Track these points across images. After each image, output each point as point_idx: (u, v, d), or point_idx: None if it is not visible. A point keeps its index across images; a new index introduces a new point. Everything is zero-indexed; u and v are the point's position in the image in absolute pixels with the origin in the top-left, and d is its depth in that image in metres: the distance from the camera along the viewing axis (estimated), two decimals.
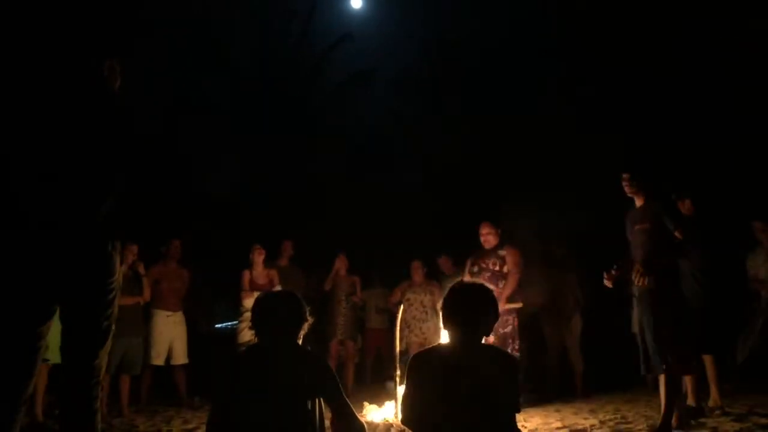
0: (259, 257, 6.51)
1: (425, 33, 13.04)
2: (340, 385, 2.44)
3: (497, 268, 5.69)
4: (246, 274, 6.42)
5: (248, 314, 6.09)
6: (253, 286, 6.30)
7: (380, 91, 13.02)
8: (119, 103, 2.62)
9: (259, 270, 6.47)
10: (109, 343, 2.49)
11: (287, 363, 2.39)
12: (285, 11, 13.12)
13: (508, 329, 5.55)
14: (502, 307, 5.50)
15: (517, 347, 5.53)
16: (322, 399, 2.43)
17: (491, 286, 5.63)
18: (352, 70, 13.10)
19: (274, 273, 6.53)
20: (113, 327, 2.50)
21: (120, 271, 2.55)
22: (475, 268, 5.78)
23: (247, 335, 6.09)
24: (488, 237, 5.80)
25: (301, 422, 2.32)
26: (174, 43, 11.18)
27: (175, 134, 10.67)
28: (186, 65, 11.90)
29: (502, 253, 5.73)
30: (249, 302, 6.15)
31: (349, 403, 2.44)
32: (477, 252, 5.89)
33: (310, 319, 2.54)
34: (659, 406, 5.22)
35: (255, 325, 2.49)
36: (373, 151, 12.32)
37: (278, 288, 6.15)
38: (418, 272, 7.30)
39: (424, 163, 12.02)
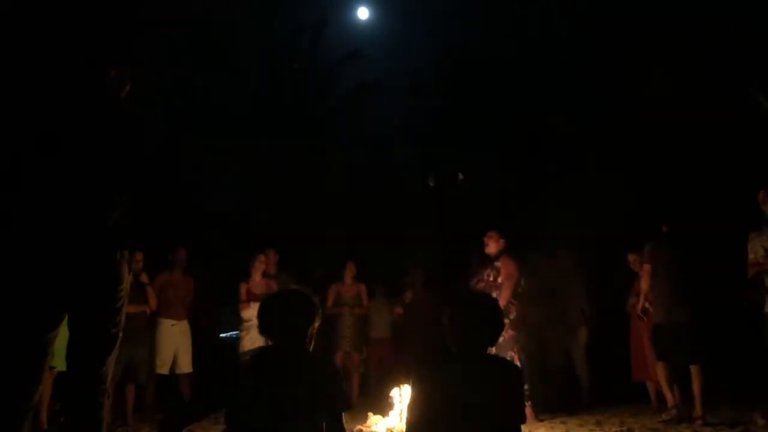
0: (259, 267, 6.49)
1: (433, 41, 13.09)
2: (342, 404, 2.32)
3: (491, 278, 5.65)
4: (243, 287, 6.40)
5: (248, 324, 6.16)
6: (251, 297, 6.28)
7: (388, 100, 13.06)
8: (127, 109, 2.63)
9: (257, 280, 6.45)
10: (116, 350, 2.49)
11: (299, 368, 2.29)
12: (294, 24, 13.18)
13: (500, 340, 5.48)
14: None
15: (513, 358, 5.48)
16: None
17: None
18: (360, 79, 13.14)
19: (272, 282, 6.49)
20: (120, 335, 2.51)
21: (127, 279, 2.56)
22: (475, 279, 5.78)
23: (248, 344, 6.10)
24: (488, 242, 5.71)
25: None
26: (179, 51, 11.23)
27: (181, 142, 10.71)
28: (192, 74, 11.96)
29: (498, 263, 5.65)
30: (247, 313, 6.15)
31: (344, 423, 2.32)
32: (485, 262, 5.84)
33: (319, 320, 2.45)
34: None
35: (264, 327, 2.40)
36: (380, 160, 12.35)
37: None
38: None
39: (433, 172, 12.02)
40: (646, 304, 5.62)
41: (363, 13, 14.19)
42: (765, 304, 4.75)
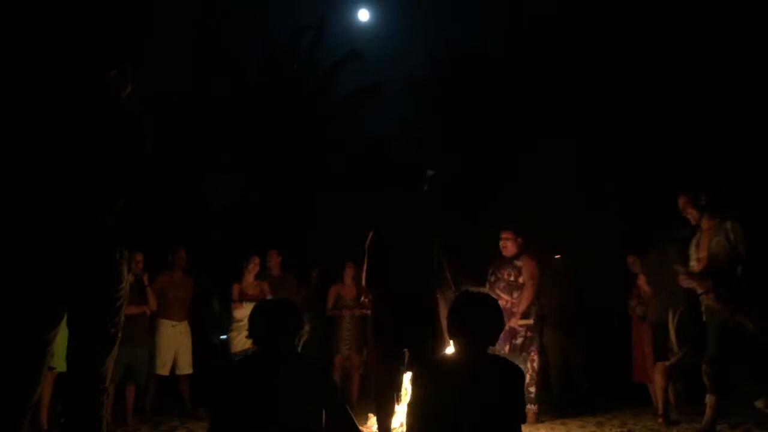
0: (252, 269, 6.50)
1: (434, 43, 13.09)
2: (341, 396, 2.44)
3: (512, 278, 5.56)
4: (236, 287, 6.41)
5: (239, 324, 6.17)
6: (244, 297, 6.29)
7: (388, 102, 13.05)
8: (127, 109, 2.62)
9: (249, 281, 6.46)
10: (115, 350, 2.49)
11: (287, 370, 2.39)
12: (294, 25, 13.17)
13: (519, 341, 5.45)
14: (515, 323, 5.44)
15: (533, 359, 5.45)
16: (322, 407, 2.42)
17: (505, 297, 5.61)
18: (360, 81, 13.13)
19: (265, 284, 6.50)
20: (120, 334, 2.51)
21: (127, 279, 2.56)
22: (493, 278, 5.67)
23: (239, 345, 6.10)
24: (506, 243, 5.63)
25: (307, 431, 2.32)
26: (179, 52, 11.20)
27: (183, 144, 10.71)
28: (193, 75, 11.94)
29: (518, 263, 5.56)
30: (239, 313, 6.16)
31: (350, 412, 2.44)
32: (498, 260, 5.75)
33: (308, 327, 2.56)
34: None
35: (252, 332, 2.52)
36: (379, 161, 12.33)
37: (269, 297, 6.17)
38: None
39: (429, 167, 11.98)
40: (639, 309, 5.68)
41: (363, 15, 14.22)
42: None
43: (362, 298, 4.67)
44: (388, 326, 3.86)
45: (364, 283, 4.17)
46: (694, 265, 4.60)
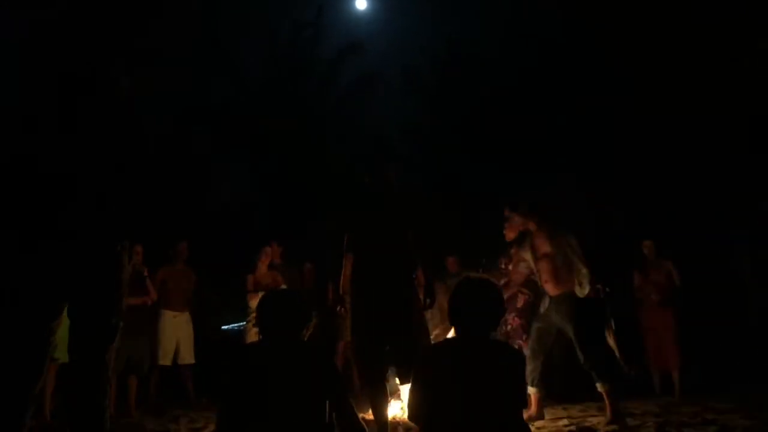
0: (265, 260, 6.53)
1: (432, 36, 13.05)
2: (344, 385, 2.45)
3: (502, 265, 5.61)
4: (250, 278, 6.44)
5: (255, 314, 6.17)
6: (258, 287, 6.33)
7: (387, 97, 13.02)
8: (129, 107, 2.62)
9: (263, 271, 6.50)
10: (117, 340, 2.50)
11: (292, 361, 2.41)
12: (293, 19, 13.08)
13: (507, 328, 5.46)
14: None
15: (521, 347, 5.45)
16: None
17: None
18: (358, 72, 13.08)
19: (277, 274, 6.56)
20: (121, 324, 2.51)
21: (127, 269, 2.57)
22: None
23: (254, 335, 6.12)
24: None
25: (310, 422, 2.33)
26: (179, 51, 11.15)
27: (185, 139, 10.70)
28: (192, 75, 11.90)
29: (513, 251, 5.53)
30: (255, 303, 6.18)
31: (352, 403, 2.45)
32: None
33: (314, 320, 2.57)
34: (668, 404, 5.28)
35: (260, 324, 2.54)
36: (377, 154, 12.29)
37: (284, 287, 6.20)
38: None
39: (429, 165, 12.02)
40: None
41: (361, 3, 14.17)
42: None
43: (338, 308, 4.63)
44: (367, 324, 3.89)
45: (341, 290, 4.19)
46: (537, 262, 4.74)
